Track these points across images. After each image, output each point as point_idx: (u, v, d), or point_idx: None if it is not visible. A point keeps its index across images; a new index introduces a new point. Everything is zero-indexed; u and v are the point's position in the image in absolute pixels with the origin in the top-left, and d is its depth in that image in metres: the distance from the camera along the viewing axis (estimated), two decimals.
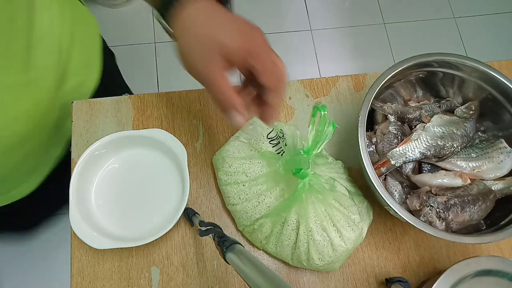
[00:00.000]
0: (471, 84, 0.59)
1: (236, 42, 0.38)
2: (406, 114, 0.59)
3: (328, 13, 1.82)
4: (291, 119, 0.64)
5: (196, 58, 0.39)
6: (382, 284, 0.56)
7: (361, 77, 0.68)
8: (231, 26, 0.39)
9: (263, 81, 0.40)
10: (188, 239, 0.56)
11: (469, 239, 0.49)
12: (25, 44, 0.46)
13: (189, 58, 0.39)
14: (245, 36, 0.39)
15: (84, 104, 0.62)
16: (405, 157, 0.54)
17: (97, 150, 0.55)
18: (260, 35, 0.40)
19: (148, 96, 0.63)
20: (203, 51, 0.38)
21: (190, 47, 0.39)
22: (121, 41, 1.58)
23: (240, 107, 0.40)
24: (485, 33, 1.83)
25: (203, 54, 0.38)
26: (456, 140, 0.55)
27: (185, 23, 0.39)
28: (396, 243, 0.59)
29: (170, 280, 0.54)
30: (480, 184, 0.54)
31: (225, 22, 0.39)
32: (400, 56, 0.56)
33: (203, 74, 0.39)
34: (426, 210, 0.52)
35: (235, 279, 0.55)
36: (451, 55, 0.56)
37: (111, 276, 0.54)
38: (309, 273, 0.56)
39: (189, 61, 0.40)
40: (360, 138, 0.51)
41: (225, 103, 0.40)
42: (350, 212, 0.53)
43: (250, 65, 0.39)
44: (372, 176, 0.49)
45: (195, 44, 0.39)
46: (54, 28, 0.53)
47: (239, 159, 0.55)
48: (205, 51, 0.38)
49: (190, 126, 0.62)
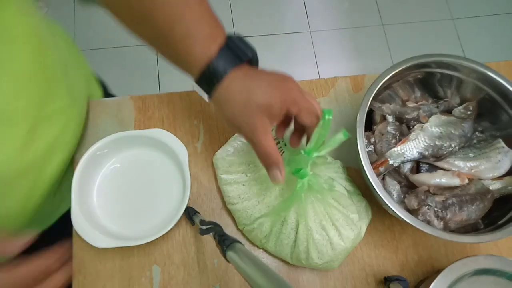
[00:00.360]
0: (469, 84, 0.59)
1: (274, 98, 0.41)
2: (404, 114, 0.59)
3: (327, 15, 1.83)
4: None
5: (241, 121, 0.42)
6: (381, 283, 0.57)
7: (359, 78, 0.69)
8: (266, 84, 0.42)
9: (302, 121, 0.44)
10: (189, 238, 0.57)
11: (467, 238, 0.49)
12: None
13: (234, 121, 0.43)
14: (281, 90, 0.42)
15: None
16: (403, 157, 0.55)
17: (99, 150, 0.55)
18: (293, 83, 0.44)
19: (149, 97, 0.64)
20: (246, 116, 0.42)
21: (233, 112, 0.42)
22: (123, 42, 1.59)
23: (281, 165, 0.44)
24: (483, 34, 1.84)
25: (247, 118, 0.42)
26: (454, 140, 0.56)
27: (224, 93, 0.42)
28: (394, 242, 0.59)
29: (171, 278, 0.55)
30: (478, 184, 0.55)
31: (260, 83, 0.42)
32: (399, 57, 0.56)
33: (249, 135, 0.43)
34: (424, 209, 0.52)
35: (235, 277, 0.55)
36: (449, 56, 0.57)
37: (113, 275, 0.54)
38: (309, 272, 0.56)
39: (235, 123, 0.43)
40: (359, 138, 0.51)
41: (269, 161, 0.44)
42: (349, 211, 0.53)
43: (290, 112, 0.43)
44: (371, 176, 0.50)
45: (237, 110, 0.42)
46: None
47: (239, 159, 0.55)
48: (248, 115, 0.41)
49: (191, 127, 0.63)
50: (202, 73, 0.42)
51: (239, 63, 0.43)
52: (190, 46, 0.41)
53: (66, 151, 0.55)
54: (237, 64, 0.42)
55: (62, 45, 0.56)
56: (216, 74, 0.42)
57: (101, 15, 1.93)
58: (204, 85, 0.43)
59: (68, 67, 0.55)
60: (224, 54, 0.42)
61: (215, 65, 0.41)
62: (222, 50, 0.42)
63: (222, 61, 0.41)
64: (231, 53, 0.42)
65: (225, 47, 0.42)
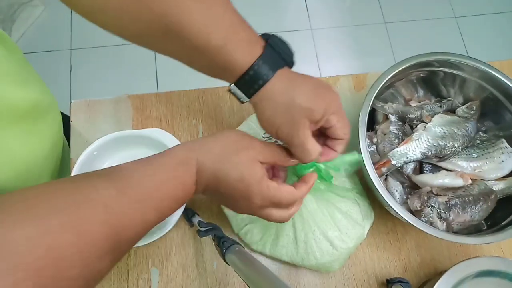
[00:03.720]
0: (472, 84, 0.58)
1: (318, 104, 0.41)
2: (407, 114, 0.59)
3: (328, 12, 1.82)
4: None
5: (282, 121, 0.41)
6: (383, 285, 0.56)
7: (362, 77, 0.68)
8: (310, 89, 0.42)
9: (337, 135, 0.44)
10: (188, 240, 0.56)
11: (470, 239, 0.49)
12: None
13: (275, 122, 0.42)
14: (324, 98, 0.42)
15: (83, 104, 0.62)
16: (406, 157, 0.54)
17: (96, 150, 0.54)
18: (335, 94, 0.44)
19: (147, 96, 0.63)
20: (290, 115, 0.41)
21: (274, 112, 0.42)
22: (121, 40, 1.58)
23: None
24: (486, 32, 1.83)
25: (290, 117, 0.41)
26: (457, 140, 0.55)
27: (266, 94, 0.41)
28: (397, 243, 0.58)
29: (170, 281, 0.54)
30: (481, 184, 0.54)
31: (304, 88, 0.41)
32: (401, 56, 0.56)
33: (290, 135, 0.42)
34: (427, 210, 0.51)
35: (235, 280, 0.55)
36: (452, 55, 0.56)
37: (110, 277, 0.54)
38: (310, 274, 0.56)
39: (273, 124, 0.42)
40: (361, 138, 0.50)
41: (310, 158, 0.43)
42: (351, 210, 0.52)
43: (328, 122, 0.43)
44: (373, 176, 0.49)
45: (280, 110, 0.41)
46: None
47: None
48: (291, 115, 0.41)
49: (190, 126, 0.62)
50: (242, 76, 0.41)
51: (284, 65, 0.42)
52: (228, 55, 0.40)
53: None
54: (282, 66, 0.42)
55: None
56: (260, 78, 0.40)
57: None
58: (244, 88, 0.42)
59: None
60: (268, 57, 0.40)
61: (259, 69, 0.40)
62: (265, 53, 0.40)
63: (266, 64, 0.40)
64: (274, 55, 0.41)
65: (267, 50, 0.41)
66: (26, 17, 1.59)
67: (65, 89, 1.53)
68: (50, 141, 0.54)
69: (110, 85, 1.52)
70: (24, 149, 0.47)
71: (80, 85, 1.54)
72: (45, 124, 0.52)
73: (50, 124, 0.54)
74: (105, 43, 1.59)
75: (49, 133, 0.53)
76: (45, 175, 0.53)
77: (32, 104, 0.47)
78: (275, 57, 0.41)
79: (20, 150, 0.46)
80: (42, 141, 0.51)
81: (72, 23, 1.63)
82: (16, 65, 0.46)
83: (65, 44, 1.60)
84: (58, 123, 0.57)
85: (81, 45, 1.60)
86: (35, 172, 0.50)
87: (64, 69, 1.56)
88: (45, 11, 1.64)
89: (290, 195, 0.41)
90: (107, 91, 1.47)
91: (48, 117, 0.53)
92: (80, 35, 1.62)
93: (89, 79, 1.55)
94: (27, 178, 0.47)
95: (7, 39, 0.45)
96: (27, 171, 0.48)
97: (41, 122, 0.51)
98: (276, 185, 0.40)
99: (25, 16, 1.58)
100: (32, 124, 0.48)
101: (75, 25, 1.63)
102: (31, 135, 0.48)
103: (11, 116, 0.44)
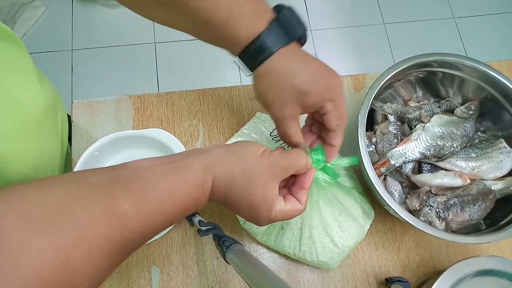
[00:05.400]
0: (471, 84, 0.59)
1: (315, 87, 0.40)
2: (406, 114, 0.59)
3: (328, 13, 1.82)
4: None
5: (272, 100, 0.41)
6: (382, 284, 0.56)
7: (361, 77, 0.68)
8: (310, 71, 0.41)
9: (330, 124, 0.42)
10: (188, 239, 0.56)
11: (469, 239, 0.49)
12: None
13: (266, 98, 0.42)
14: (324, 82, 0.41)
15: (84, 104, 0.62)
16: (405, 157, 0.54)
17: (97, 150, 0.55)
18: (338, 80, 0.43)
19: (148, 96, 0.63)
20: (279, 97, 0.41)
21: (267, 89, 0.41)
22: (122, 41, 1.59)
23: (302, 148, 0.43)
24: (485, 33, 1.83)
25: (278, 99, 0.41)
26: (456, 140, 0.55)
27: (264, 71, 0.41)
28: (396, 243, 0.59)
29: (170, 279, 0.54)
30: (480, 184, 0.54)
31: (305, 68, 0.41)
32: (400, 56, 0.56)
33: (276, 115, 0.42)
34: (426, 210, 0.52)
35: (235, 278, 0.55)
36: (451, 55, 0.56)
37: (111, 276, 0.54)
38: (309, 273, 0.56)
39: (265, 100, 0.42)
40: (360, 138, 0.51)
41: (292, 144, 0.44)
42: (351, 208, 0.53)
43: (325, 109, 0.41)
44: (372, 176, 0.49)
45: (272, 88, 0.41)
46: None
47: None
48: (280, 97, 0.40)
49: (190, 126, 0.62)
50: (246, 48, 0.40)
51: (289, 42, 0.40)
52: (232, 29, 0.39)
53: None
54: (286, 43, 0.40)
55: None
56: (260, 54, 0.40)
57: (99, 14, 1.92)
58: (246, 61, 0.42)
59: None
60: (274, 31, 0.39)
61: (263, 42, 0.39)
62: (271, 26, 0.39)
63: (271, 38, 0.39)
64: (280, 30, 0.40)
65: (274, 23, 0.40)
66: (28, 18, 1.59)
67: (66, 89, 1.53)
68: (60, 136, 0.54)
69: (111, 85, 1.52)
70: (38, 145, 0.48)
71: (81, 85, 1.55)
72: (55, 121, 0.53)
73: (60, 120, 0.55)
74: (106, 43, 1.60)
75: (59, 129, 0.54)
76: (54, 171, 0.54)
77: (48, 102, 0.48)
78: (280, 33, 0.40)
79: (35, 146, 0.47)
80: (54, 136, 0.52)
81: (73, 23, 1.64)
82: (32, 66, 0.47)
83: (66, 44, 1.61)
84: (65, 119, 0.58)
85: (82, 45, 1.61)
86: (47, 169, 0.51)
87: (66, 70, 1.57)
88: (47, 12, 1.64)
89: (296, 213, 0.41)
90: (108, 91, 1.48)
91: (58, 114, 0.54)
92: (81, 35, 1.62)
93: (90, 79, 1.55)
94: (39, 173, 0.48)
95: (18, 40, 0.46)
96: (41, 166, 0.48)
97: (52, 118, 0.52)
98: (283, 208, 0.40)
99: (27, 17, 1.59)
100: (46, 121, 0.49)
101: (77, 26, 1.63)
102: (44, 131, 0.49)
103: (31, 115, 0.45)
